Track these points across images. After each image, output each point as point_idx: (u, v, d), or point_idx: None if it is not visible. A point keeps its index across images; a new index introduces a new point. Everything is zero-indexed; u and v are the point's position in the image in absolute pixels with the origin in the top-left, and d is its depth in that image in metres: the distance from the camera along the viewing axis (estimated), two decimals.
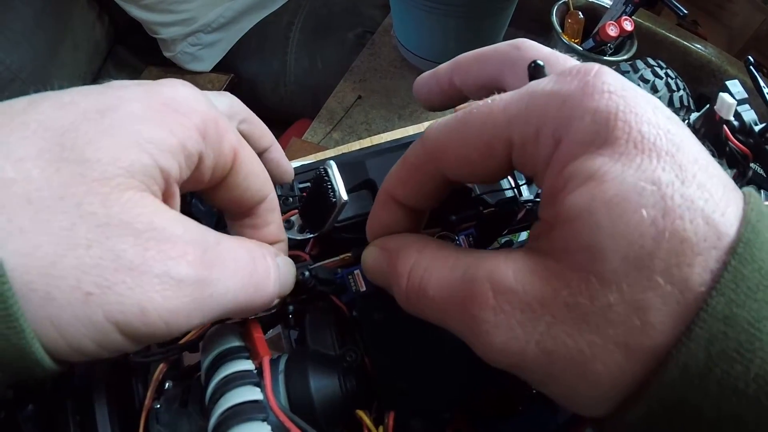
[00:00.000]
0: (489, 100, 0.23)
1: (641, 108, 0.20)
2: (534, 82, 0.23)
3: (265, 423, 0.25)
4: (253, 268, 0.24)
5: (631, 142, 0.19)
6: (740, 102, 0.38)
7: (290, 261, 0.30)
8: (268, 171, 0.35)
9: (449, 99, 0.32)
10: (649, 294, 0.18)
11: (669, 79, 0.76)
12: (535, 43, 0.28)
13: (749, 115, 0.38)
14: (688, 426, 0.19)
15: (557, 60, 0.26)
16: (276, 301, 0.27)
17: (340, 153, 0.40)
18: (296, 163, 0.41)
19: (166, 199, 0.23)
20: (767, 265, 0.18)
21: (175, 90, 0.24)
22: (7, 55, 1.16)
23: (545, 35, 1.11)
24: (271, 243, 0.30)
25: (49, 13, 1.24)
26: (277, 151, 0.36)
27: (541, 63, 0.25)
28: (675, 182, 0.19)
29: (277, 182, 0.36)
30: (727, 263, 0.18)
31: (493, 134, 0.22)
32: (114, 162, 0.20)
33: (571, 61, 0.26)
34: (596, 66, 0.22)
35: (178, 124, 0.23)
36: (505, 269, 0.21)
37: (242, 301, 0.24)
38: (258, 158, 0.29)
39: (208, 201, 0.29)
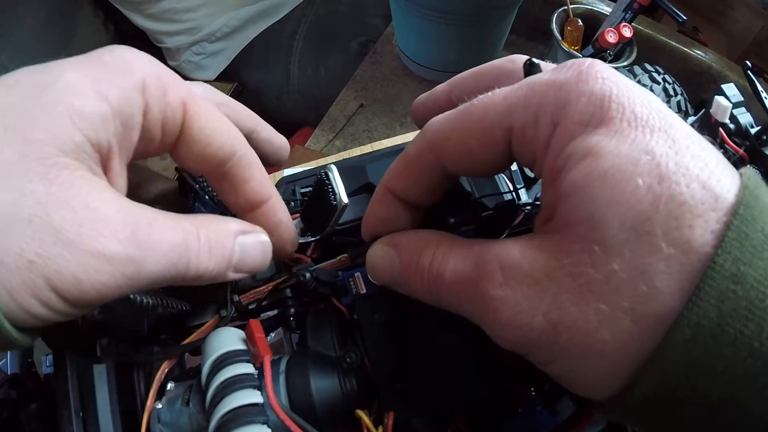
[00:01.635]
0: (489, 93, 0.24)
1: (633, 92, 0.21)
2: (531, 76, 0.24)
3: (266, 426, 0.25)
4: (184, 249, 0.25)
5: (625, 121, 0.20)
6: (736, 105, 0.39)
7: (261, 240, 0.29)
8: (263, 151, 0.35)
9: None
10: (653, 258, 0.19)
11: (667, 84, 0.76)
12: (528, 57, 0.29)
13: (745, 117, 0.38)
14: (702, 393, 0.19)
15: (545, 64, 0.27)
16: (239, 276, 0.28)
17: (341, 159, 0.41)
18: (298, 169, 0.41)
19: (107, 171, 0.25)
20: None
21: (114, 54, 0.25)
22: (11, 61, 1.16)
23: (545, 43, 1.11)
24: (258, 202, 0.30)
25: (55, 20, 1.25)
26: (264, 129, 0.36)
27: (536, 60, 0.26)
28: (669, 152, 0.19)
29: (276, 160, 0.37)
30: (729, 223, 0.18)
31: (494, 121, 0.23)
32: (50, 142, 0.22)
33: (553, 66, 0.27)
34: (590, 59, 0.23)
35: (114, 85, 0.24)
36: (513, 248, 0.22)
37: (171, 277, 0.25)
38: (219, 114, 0.29)
39: (177, 163, 0.29)
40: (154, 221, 0.24)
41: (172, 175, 0.35)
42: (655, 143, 0.20)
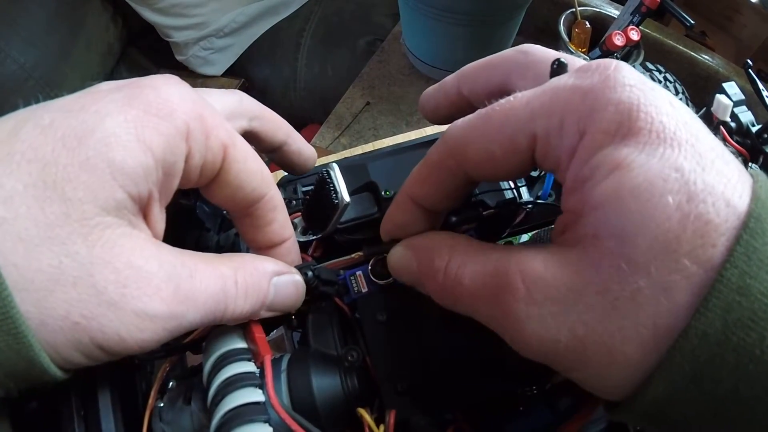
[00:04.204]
0: (511, 97, 0.24)
1: (660, 101, 0.21)
2: (554, 79, 0.24)
3: (267, 425, 0.25)
4: (222, 296, 0.25)
5: (653, 132, 0.20)
6: (737, 103, 0.39)
7: (293, 280, 0.29)
8: (291, 162, 0.36)
9: (457, 110, 0.32)
10: (676, 276, 0.19)
11: (668, 83, 0.76)
12: (541, 47, 0.28)
13: (746, 116, 0.38)
14: (707, 395, 0.19)
15: (572, 60, 0.26)
16: (270, 314, 0.29)
17: (343, 157, 0.41)
18: None
19: (146, 218, 0.25)
20: None
21: (158, 92, 0.24)
22: (21, 54, 1.17)
23: (553, 44, 1.11)
24: (276, 243, 0.30)
25: (63, 13, 1.25)
26: (296, 141, 0.36)
27: (564, 61, 0.25)
28: (696, 169, 0.20)
29: (303, 170, 0.37)
30: (739, 237, 0.19)
31: (517, 128, 0.23)
32: (91, 200, 0.22)
33: (580, 62, 0.27)
34: (615, 61, 0.22)
35: (158, 132, 0.23)
36: (535, 260, 0.22)
37: (207, 322, 0.25)
38: (255, 156, 0.28)
39: (205, 197, 0.29)
40: (194, 271, 0.25)
41: None
42: (683, 159, 0.20)
